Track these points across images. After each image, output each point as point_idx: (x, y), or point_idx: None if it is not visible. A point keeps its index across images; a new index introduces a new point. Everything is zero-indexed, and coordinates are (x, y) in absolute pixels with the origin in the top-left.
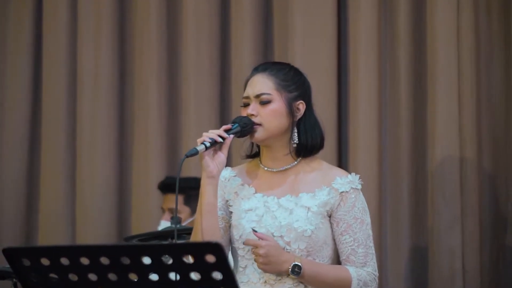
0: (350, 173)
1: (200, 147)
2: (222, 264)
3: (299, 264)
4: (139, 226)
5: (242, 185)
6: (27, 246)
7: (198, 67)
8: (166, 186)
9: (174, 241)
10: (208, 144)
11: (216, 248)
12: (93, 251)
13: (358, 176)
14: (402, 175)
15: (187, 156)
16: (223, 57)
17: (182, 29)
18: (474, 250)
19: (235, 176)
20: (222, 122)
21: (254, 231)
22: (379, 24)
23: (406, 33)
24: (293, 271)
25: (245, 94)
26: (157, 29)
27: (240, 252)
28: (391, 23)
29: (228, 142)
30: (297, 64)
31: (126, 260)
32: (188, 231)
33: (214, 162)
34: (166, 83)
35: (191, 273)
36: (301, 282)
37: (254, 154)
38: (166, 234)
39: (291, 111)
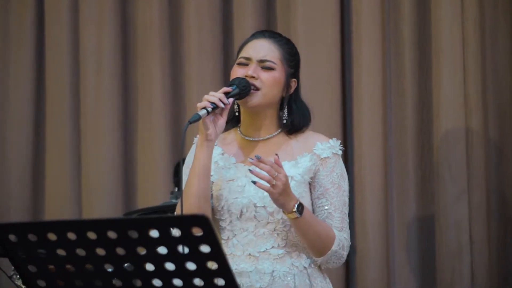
0: (331, 138)
1: (202, 112)
2: (210, 237)
3: (302, 204)
4: (145, 203)
5: (223, 154)
6: (13, 222)
7: (200, 43)
8: None
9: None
10: (210, 110)
11: (202, 221)
12: (79, 226)
13: (339, 141)
14: (407, 148)
15: (190, 123)
16: (226, 33)
17: (184, 5)
18: (481, 222)
19: (216, 145)
20: None
21: (278, 157)
22: None
23: (410, 3)
24: (298, 208)
25: (245, 54)
26: (159, 6)
27: (222, 223)
28: None
29: (228, 106)
30: (300, 38)
31: (113, 235)
32: None
33: (213, 126)
34: (169, 60)
35: (179, 246)
36: (286, 252)
37: (234, 122)
38: (166, 209)
39: (286, 85)
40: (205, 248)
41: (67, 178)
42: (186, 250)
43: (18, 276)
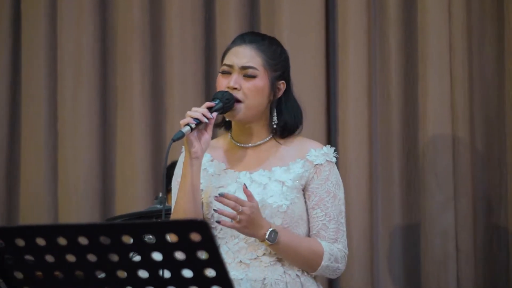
0: (325, 145)
1: (186, 129)
2: (208, 242)
3: (276, 230)
4: (123, 210)
5: (212, 161)
6: None
7: (182, 47)
8: None
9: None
10: (193, 126)
11: (201, 226)
12: (71, 230)
13: (333, 148)
14: (393, 155)
15: (173, 141)
16: (208, 37)
17: (165, 8)
18: (467, 231)
19: None
20: None
21: (245, 187)
22: (368, 0)
23: (397, 9)
24: (269, 236)
25: (228, 62)
26: (140, 9)
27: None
28: (380, 0)
29: (212, 121)
30: (285, 43)
31: (106, 240)
32: None
33: (199, 142)
34: (149, 65)
35: (175, 252)
36: (277, 260)
37: (225, 127)
38: (150, 214)
39: (273, 90)
40: (202, 254)
41: (43, 182)
42: (181, 256)
43: None
